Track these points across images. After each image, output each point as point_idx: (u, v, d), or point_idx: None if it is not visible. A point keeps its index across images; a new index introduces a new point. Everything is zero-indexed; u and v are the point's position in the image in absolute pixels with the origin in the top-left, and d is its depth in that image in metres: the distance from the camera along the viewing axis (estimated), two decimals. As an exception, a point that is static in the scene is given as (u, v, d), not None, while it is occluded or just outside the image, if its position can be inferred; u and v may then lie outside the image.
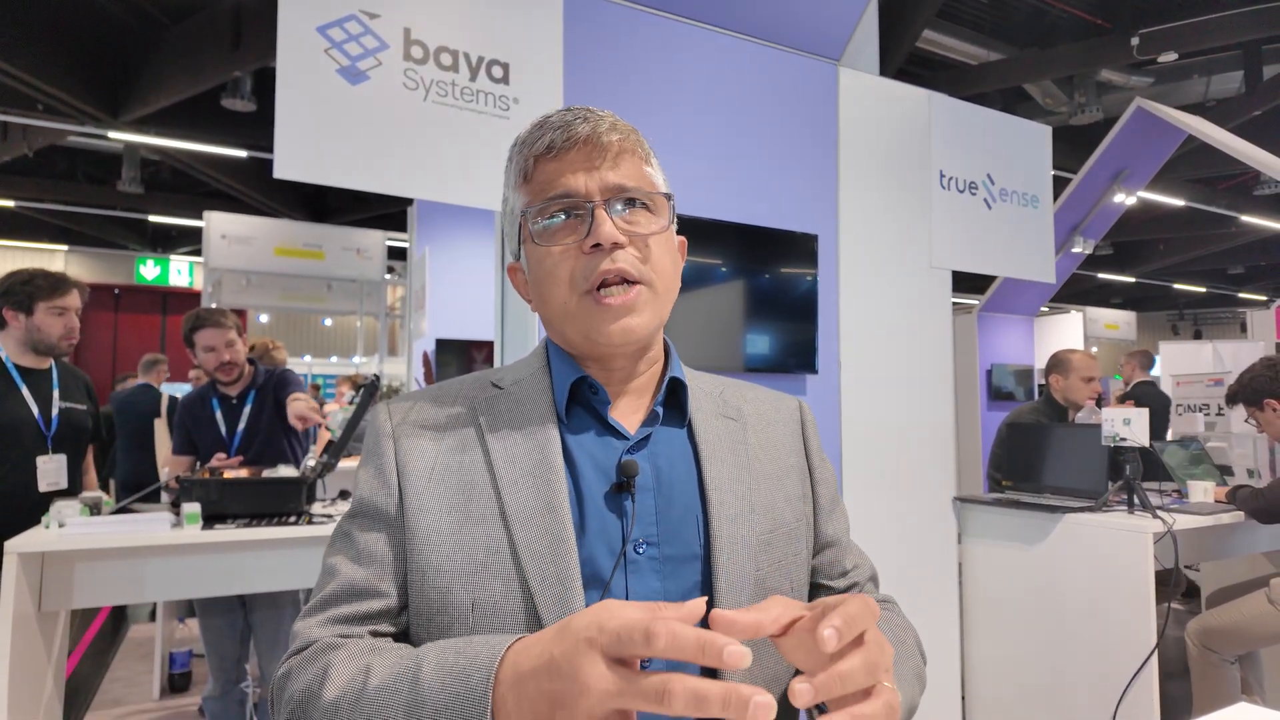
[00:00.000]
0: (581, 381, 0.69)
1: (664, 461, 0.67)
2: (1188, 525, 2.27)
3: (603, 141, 0.65)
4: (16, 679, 1.76)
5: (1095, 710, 2.26)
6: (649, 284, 0.66)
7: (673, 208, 0.71)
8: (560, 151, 0.65)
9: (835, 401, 2.40)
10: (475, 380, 0.73)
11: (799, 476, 0.75)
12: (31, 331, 2.14)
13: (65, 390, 2.24)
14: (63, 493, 2.16)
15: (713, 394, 0.75)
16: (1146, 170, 4.56)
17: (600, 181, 0.65)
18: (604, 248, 0.63)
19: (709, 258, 2.19)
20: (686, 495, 0.67)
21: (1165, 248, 11.83)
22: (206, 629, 2.32)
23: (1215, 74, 7.04)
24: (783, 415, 0.78)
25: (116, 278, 11.37)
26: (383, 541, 0.63)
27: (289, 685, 0.58)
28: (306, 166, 1.64)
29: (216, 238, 6.57)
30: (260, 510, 2.11)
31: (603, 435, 0.68)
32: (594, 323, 0.64)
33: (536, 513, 0.62)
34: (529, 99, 1.93)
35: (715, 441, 0.70)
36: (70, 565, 1.89)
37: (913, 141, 2.64)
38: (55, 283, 2.18)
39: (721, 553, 0.64)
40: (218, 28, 5.50)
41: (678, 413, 0.71)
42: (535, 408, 0.68)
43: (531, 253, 0.68)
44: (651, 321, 0.66)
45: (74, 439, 2.24)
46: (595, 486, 0.65)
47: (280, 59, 1.63)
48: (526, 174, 0.67)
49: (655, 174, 0.71)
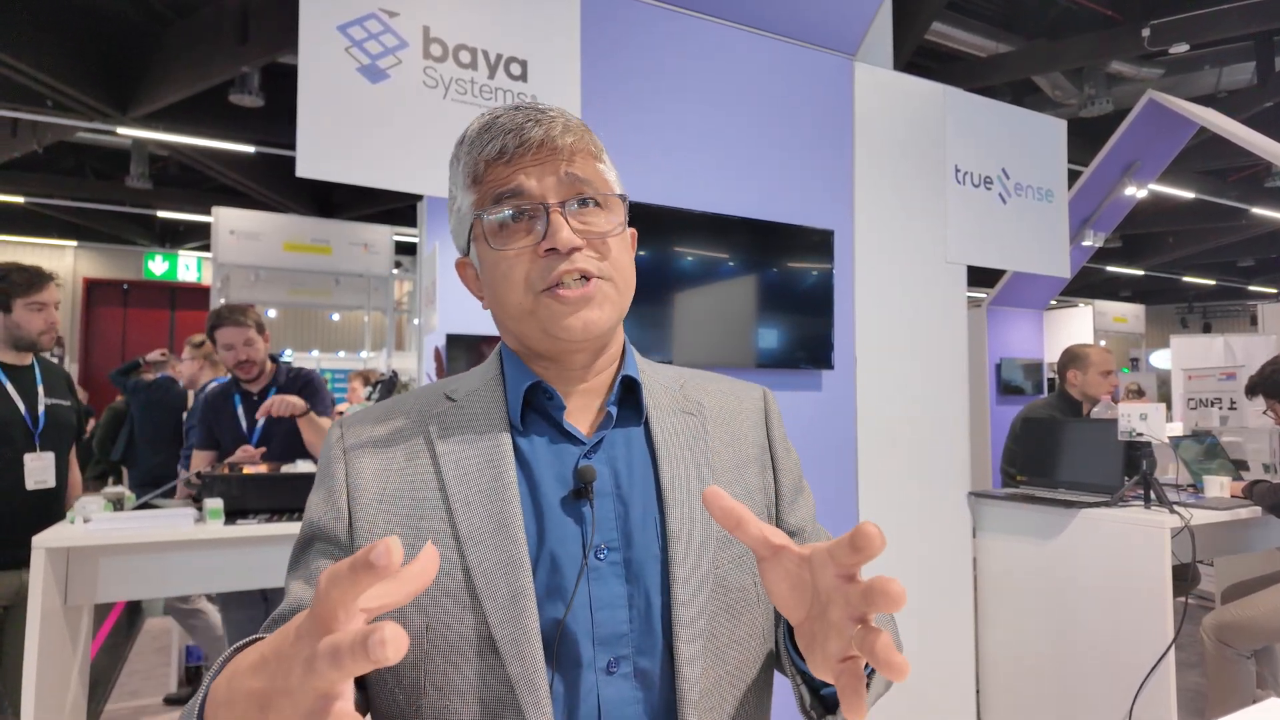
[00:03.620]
0: (536, 387, 0.68)
1: (621, 464, 0.67)
2: (1204, 520, 2.27)
3: (556, 144, 0.64)
4: (44, 672, 1.78)
5: (1111, 705, 2.27)
6: (609, 279, 0.66)
7: (626, 206, 0.69)
8: (514, 156, 0.64)
9: (851, 397, 2.41)
10: (429, 392, 0.71)
11: (760, 467, 0.74)
12: (11, 329, 2.12)
13: (50, 387, 2.22)
14: (50, 491, 2.14)
15: (672, 389, 0.74)
16: (1158, 163, 4.53)
17: (555, 183, 0.64)
18: (560, 252, 0.63)
19: (724, 253, 2.19)
20: (645, 496, 0.66)
21: (1175, 240, 11.75)
22: (228, 622, 2.34)
23: (1227, 65, 6.98)
24: (746, 406, 0.77)
25: (125, 273, 11.41)
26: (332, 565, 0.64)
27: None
28: (328, 165, 1.64)
29: (225, 233, 6.59)
30: (280, 505, 2.13)
31: (558, 442, 0.67)
32: (554, 317, 0.64)
33: (489, 533, 0.61)
34: (547, 96, 1.93)
35: (672, 439, 0.69)
36: (95, 560, 1.91)
37: (927, 136, 2.63)
38: (31, 278, 2.14)
39: (678, 554, 0.64)
40: (225, 23, 5.50)
41: (635, 411, 0.70)
42: (488, 419, 0.67)
43: (485, 255, 0.67)
44: (611, 316, 0.66)
45: (60, 436, 2.21)
46: (553, 495, 0.64)
47: (301, 58, 1.63)
48: (477, 176, 0.66)
49: (608, 171, 0.69)
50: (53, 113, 6.39)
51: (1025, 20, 6.46)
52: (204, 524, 2.00)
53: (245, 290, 6.94)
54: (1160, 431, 2.31)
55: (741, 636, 0.66)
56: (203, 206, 8.39)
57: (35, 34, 5.24)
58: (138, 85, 6.05)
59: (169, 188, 8.99)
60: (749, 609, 0.67)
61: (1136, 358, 11.34)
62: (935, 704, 2.50)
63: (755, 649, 0.68)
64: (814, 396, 2.33)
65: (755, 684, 0.67)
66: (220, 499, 2.03)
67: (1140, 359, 11.19)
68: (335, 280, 7.42)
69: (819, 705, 0.59)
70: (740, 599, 0.66)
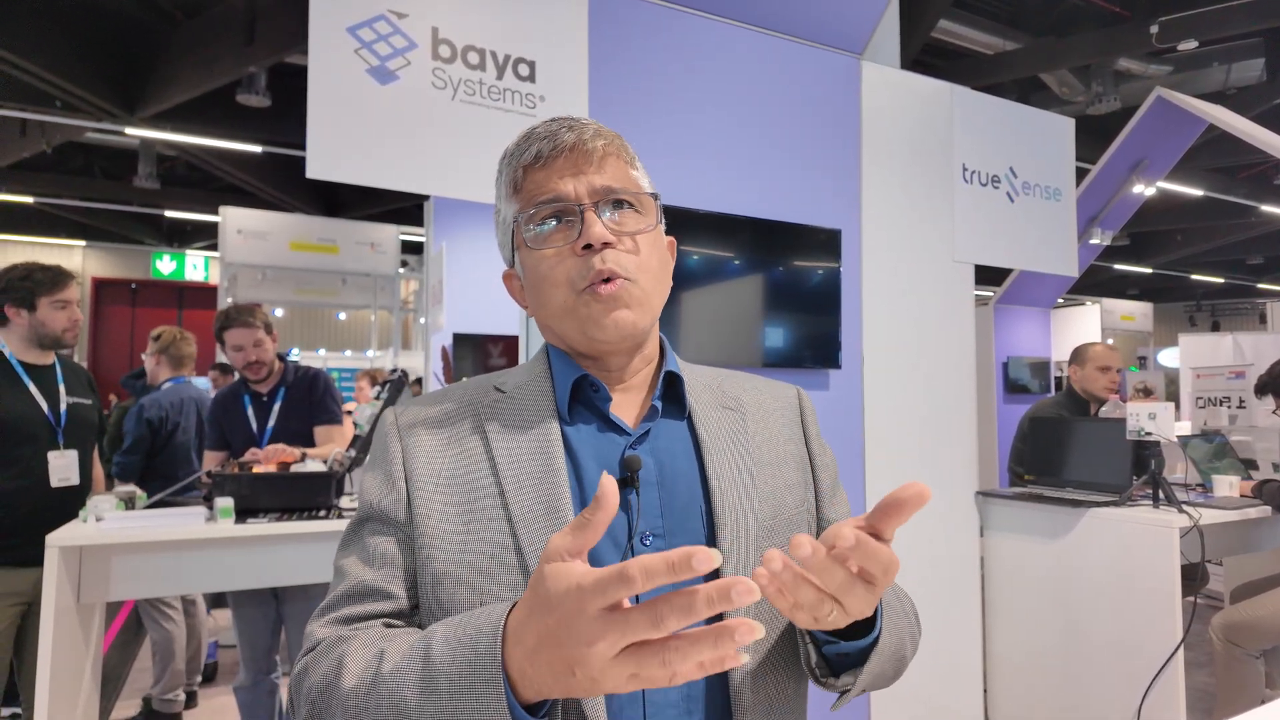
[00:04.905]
0: (582, 380, 0.70)
1: (666, 455, 0.69)
2: (1213, 520, 2.26)
3: (588, 147, 0.68)
4: (58, 669, 1.80)
5: (1119, 705, 2.26)
6: (637, 280, 0.68)
7: (659, 207, 0.73)
8: (548, 160, 0.68)
9: (859, 396, 2.41)
10: (479, 384, 0.75)
11: (799, 463, 0.76)
12: (36, 327, 2.14)
13: (70, 385, 2.24)
14: (73, 489, 2.17)
15: (711, 386, 0.76)
16: (1166, 160, 4.51)
17: (588, 185, 0.67)
18: (595, 247, 0.66)
19: (731, 253, 2.19)
20: (689, 486, 0.68)
21: (1183, 238, 11.69)
22: (239, 619, 2.36)
23: (1236, 61, 6.93)
24: (781, 404, 0.80)
25: (133, 272, 11.47)
26: (392, 545, 0.66)
27: (305, 680, 0.60)
28: (338, 166, 1.65)
29: (232, 233, 6.62)
30: (290, 504, 2.14)
31: (605, 432, 0.69)
32: (592, 316, 0.66)
33: (540, 515, 0.64)
34: (555, 96, 1.94)
35: (715, 432, 0.72)
36: (108, 559, 1.93)
37: (935, 135, 2.63)
38: (54, 276, 2.17)
39: (725, 541, 0.66)
40: (232, 23, 5.52)
41: (677, 406, 0.73)
42: (537, 410, 0.70)
43: (526, 258, 0.70)
44: (644, 316, 0.69)
45: (82, 434, 2.24)
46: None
47: (311, 60, 1.64)
48: (516, 184, 0.69)
49: (640, 176, 0.73)
50: (61, 113, 6.43)
51: (1032, 17, 6.43)
52: (215, 523, 2.01)
53: (252, 289, 6.97)
54: (1169, 431, 2.30)
55: (783, 622, 0.68)
56: (210, 206, 8.43)
57: (43, 34, 5.28)
58: (145, 85, 6.08)
59: (176, 187, 9.04)
60: None
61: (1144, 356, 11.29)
62: (943, 703, 2.50)
63: (792, 635, 0.69)
64: (821, 396, 2.33)
65: (795, 670, 0.70)
66: (231, 498, 2.04)
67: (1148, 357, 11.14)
68: (342, 279, 7.45)
69: (824, 664, 0.64)
70: None
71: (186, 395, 3.09)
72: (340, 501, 2.22)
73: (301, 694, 0.60)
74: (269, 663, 2.40)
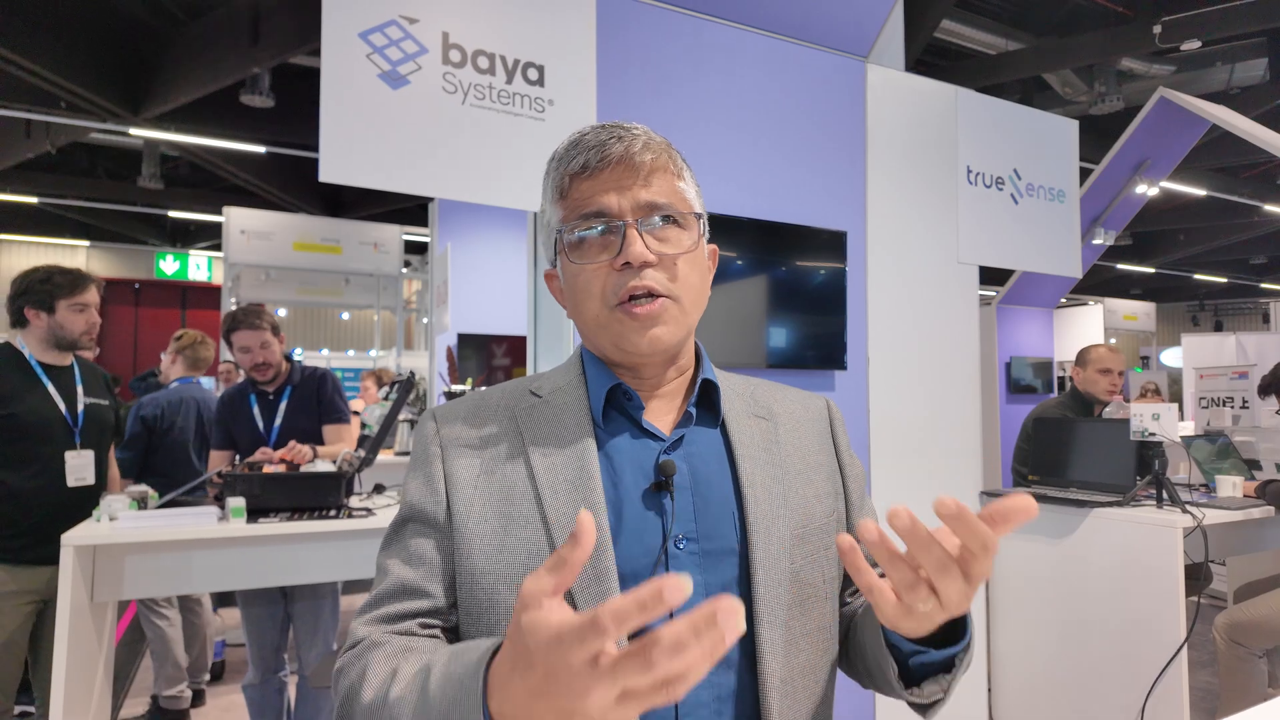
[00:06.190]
0: (616, 388, 0.72)
1: (699, 461, 0.70)
2: (1217, 520, 2.27)
3: (636, 161, 0.68)
4: (72, 667, 1.82)
5: (1123, 704, 2.28)
6: (675, 299, 0.68)
7: (704, 224, 0.73)
8: (595, 171, 0.68)
9: (864, 397, 2.42)
10: (515, 388, 0.76)
11: (828, 473, 0.77)
12: (55, 329, 2.16)
13: (88, 386, 2.26)
14: (89, 488, 2.19)
15: (744, 394, 0.78)
16: (1169, 160, 4.51)
17: (633, 200, 0.68)
18: (634, 266, 0.66)
19: (737, 254, 2.21)
20: (722, 492, 0.69)
21: (1186, 238, 11.69)
22: (248, 618, 2.38)
23: (1239, 61, 6.93)
24: (811, 414, 0.81)
25: (137, 273, 11.51)
26: (431, 546, 0.68)
27: (341, 680, 0.63)
28: (351, 170, 1.67)
29: (236, 233, 6.64)
30: (300, 504, 2.16)
31: (639, 438, 0.71)
32: (624, 333, 0.68)
33: (574, 519, 0.64)
34: (564, 100, 1.95)
35: (748, 440, 0.73)
36: (121, 558, 1.95)
37: (939, 137, 2.64)
38: (74, 280, 2.20)
39: (758, 547, 0.67)
40: (236, 24, 5.54)
41: (711, 413, 0.74)
42: (573, 416, 0.71)
43: (566, 267, 0.71)
44: (677, 333, 0.69)
45: (99, 435, 2.26)
46: (634, 487, 0.68)
47: (324, 65, 1.66)
48: (562, 191, 0.70)
49: (688, 188, 0.73)
50: (65, 113, 6.45)
51: (1036, 17, 6.43)
52: (227, 522, 2.03)
53: (256, 289, 6.99)
54: (1173, 431, 2.32)
55: (812, 630, 0.70)
56: (214, 206, 8.45)
57: (48, 36, 5.29)
58: (149, 86, 6.10)
59: (180, 188, 9.06)
60: (819, 604, 0.71)
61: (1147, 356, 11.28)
62: (946, 700, 2.51)
63: (823, 644, 0.71)
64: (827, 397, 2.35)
65: (826, 679, 0.71)
66: (243, 498, 2.06)
67: (1151, 357, 11.13)
68: (345, 279, 7.47)
69: (907, 675, 0.64)
70: (812, 594, 0.70)
71: (187, 395, 3.10)
72: (349, 501, 2.24)
73: (337, 691, 0.63)
74: (277, 661, 2.42)
